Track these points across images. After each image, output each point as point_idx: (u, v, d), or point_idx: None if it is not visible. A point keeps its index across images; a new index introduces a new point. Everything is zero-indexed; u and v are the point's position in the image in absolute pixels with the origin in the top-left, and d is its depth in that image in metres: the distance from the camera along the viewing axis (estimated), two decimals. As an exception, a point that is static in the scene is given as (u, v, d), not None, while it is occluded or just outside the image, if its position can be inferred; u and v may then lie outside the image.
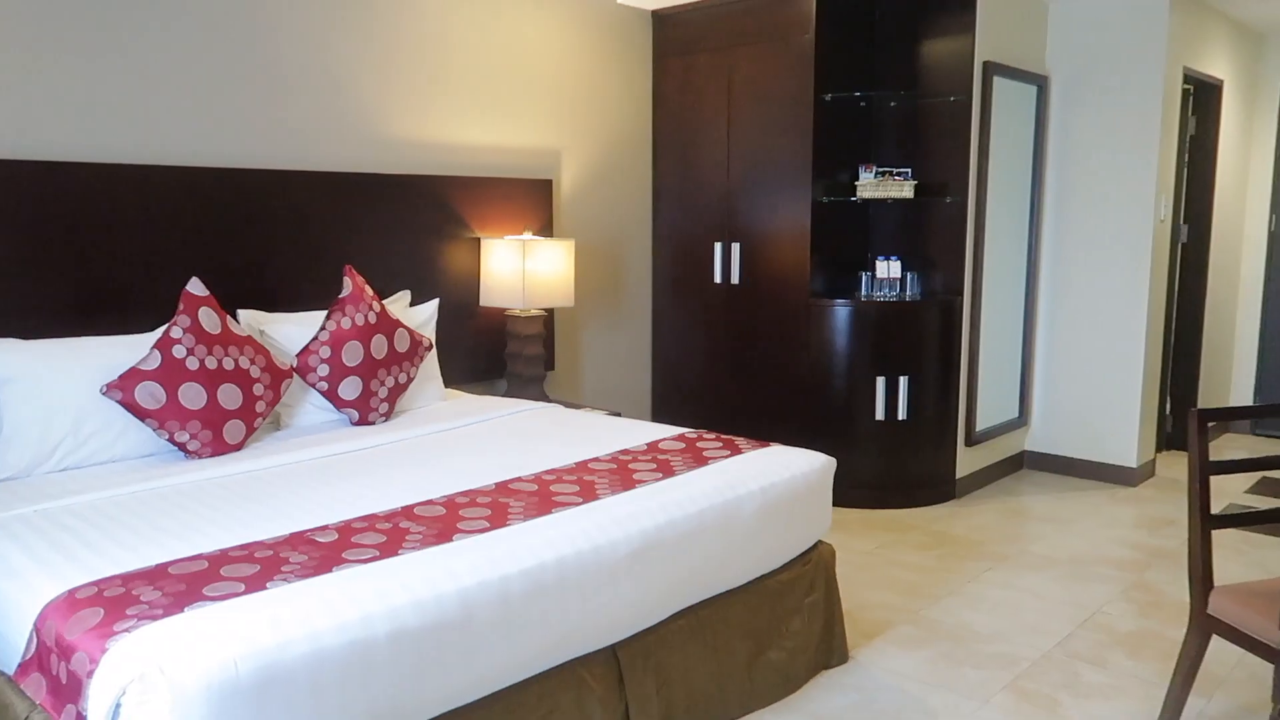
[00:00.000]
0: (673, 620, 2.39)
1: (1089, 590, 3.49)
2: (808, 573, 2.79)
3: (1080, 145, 4.86)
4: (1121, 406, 4.83)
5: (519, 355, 3.92)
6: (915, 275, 4.51)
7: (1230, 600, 2.33)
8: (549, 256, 3.84)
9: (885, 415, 4.35)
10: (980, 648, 3.02)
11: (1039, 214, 4.97)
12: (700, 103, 4.62)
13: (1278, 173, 5.83)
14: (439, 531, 2.09)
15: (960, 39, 4.38)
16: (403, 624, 1.75)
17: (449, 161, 3.91)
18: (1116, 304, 4.80)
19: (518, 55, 4.13)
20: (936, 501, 4.52)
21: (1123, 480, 4.86)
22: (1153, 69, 4.62)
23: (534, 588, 1.98)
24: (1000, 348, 4.81)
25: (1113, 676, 2.84)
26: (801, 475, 2.71)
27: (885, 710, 2.64)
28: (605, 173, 4.60)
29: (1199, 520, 2.38)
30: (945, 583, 3.55)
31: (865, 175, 4.44)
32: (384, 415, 3.22)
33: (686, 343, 4.81)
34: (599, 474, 2.57)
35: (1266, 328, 5.96)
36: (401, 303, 3.54)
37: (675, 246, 4.80)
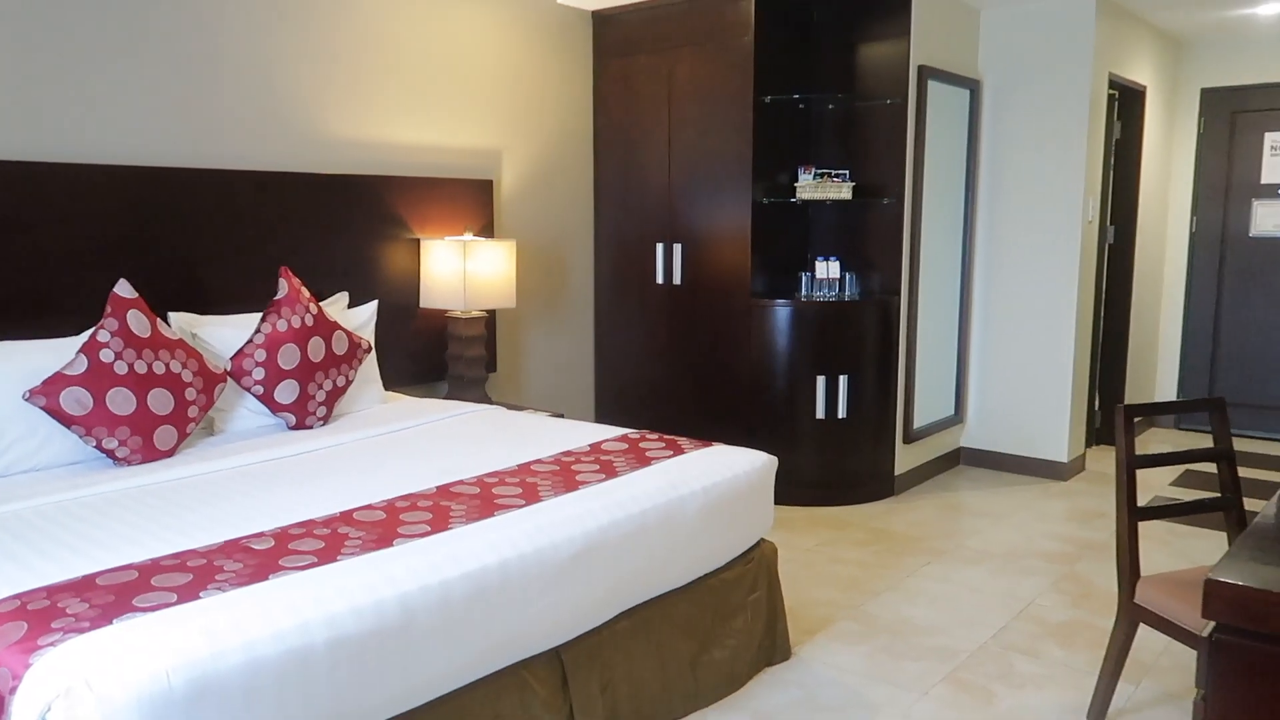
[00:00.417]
0: (616, 621, 2.39)
1: (1023, 583, 3.58)
2: (750, 571, 2.82)
3: (1011, 148, 4.98)
4: (1052, 403, 4.96)
5: (460, 357, 3.89)
6: (854, 275, 4.57)
7: (1156, 590, 2.40)
8: (490, 257, 3.82)
9: (825, 414, 4.40)
10: (919, 641, 3.08)
11: (973, 215, 5.08)
12: (641, 104, 4.63)
13: (1198, 176, 6.04)
14: (379, 536, 2.06)
15: (895, 43, 4.46)
16: (341, 631, 1.72)
17: (388, 161, 3.86)
18: (1047, 303, 4.93)
19: (457, 54, 4.09)
20: (876, 498, 4.59)
21: (1054, 475, 4.99)
22: (1079, 75, 4.75)
23: (476, 591, 1.96)
24: (936, 347, 4.91)
25: (1045, 666, 2.91)
26: (743, 474, 2.73)
27: (827, 705, 2.67)
28: (546, 173, 4.58)
29: (1126, 513, 2.46)
30: (885, 578, 3.61)
31: (804, 176, 4.50)
32: (322, 419, 3.16)
33: (629, 343, 4.82)
34: (541, 476, 2.56)
35: (1189, 326, 6.17)
36: (339, 304, 3.49)
37: (617, 247, 4.81)
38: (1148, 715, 2.64)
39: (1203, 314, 6.11)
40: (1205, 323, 6.11)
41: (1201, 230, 6.07)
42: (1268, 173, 5.82)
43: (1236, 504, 2.58)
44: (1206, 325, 6.11)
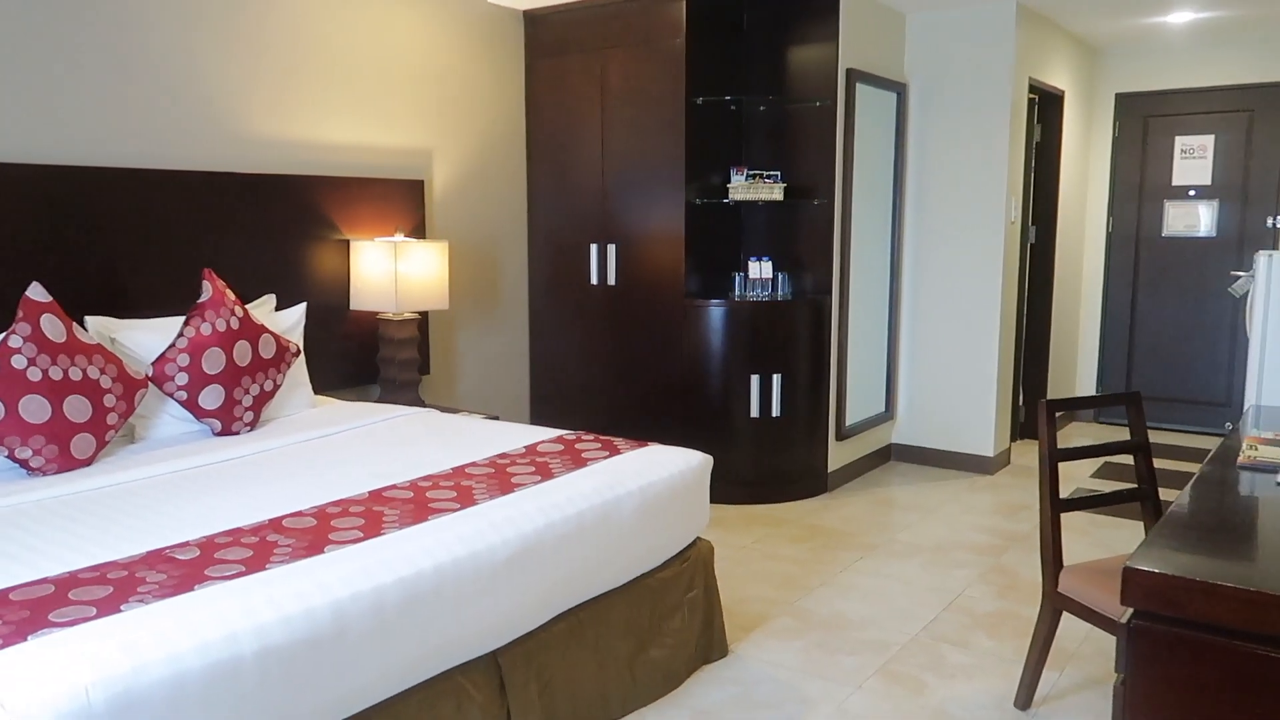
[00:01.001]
0: (553, 623, 2.38)
1: (952, 575, 3.66)
2: (687, 570, 2.83)
3: (937, 150, 5.09)
4: (979, 399, 5.09)
5: (392, 360, 3.84)
6: (786, 275, 4.63)
7: (1077, 579, 2.48)
8: (422, 258, 3.77)
9: (759, 412, 4.45)
10: (853, 635, 3.13)
11: (901, 216, 5.18)
12: (573, 104, 4.62)
13: (1113, 178, 6.26)
14: (309, 543, 2.02)
15: (824, 47, 4.53)
16: (271, 641, 1.68)
17: (314, 160, 3.79)
18: (973, 302, 5.06)
19: (385, 52, 4.03)
20: (809, 495, 4.65)
21: (981, 469, 5.12)
22: (1001, 79, 4.88)
23: (410, 597, 1.94)
24: (867, 345, 5.00)
25: (974, 656, 2.98)
26: (679, 474, 2.75)
27: (764, 701, 2.70)
28: (479, 173, 4.54)
29: (1049, 505, 2.53)
30: (819, 573, 3.66)
31: (737, 178, 4.54)
32: (249, 425, 3.09)
33: (564, 344, 4.81)
34: (476, 479, 2.53)
35: (1106, 323, 6.39)
36: (266, 307, 3.41)
37: (551, 248, 4.79)
38: (1071, 701, 2.72)
39: (1119, 311, 6.33)
40: (1122, 319, 6.33)
41: (1117, 230, 6.29)
42: (1178, 175, 6.05)
43: (1152, 494, 2.67)
44: (1123, 322, 6.33)
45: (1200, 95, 5.92)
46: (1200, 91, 5.91)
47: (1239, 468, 2.20)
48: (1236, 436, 2.52)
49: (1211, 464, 2.24)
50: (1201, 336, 6.08)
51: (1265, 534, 1.84)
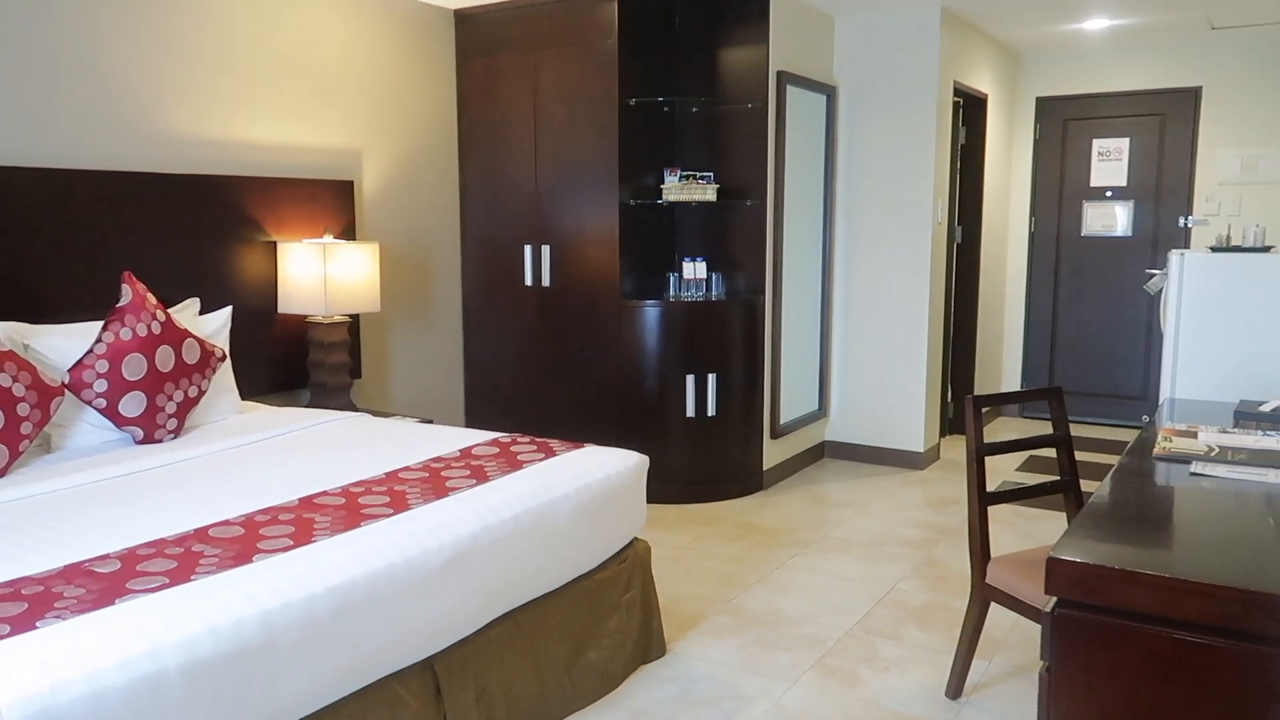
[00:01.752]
0: (490, 628, 2.36)
1: (885, 569, 3.72)
2: (624, 570, 2.83)
3: (866, 152, 5.18)
4: (908, 396, 5.19)
5: (322, 364, 3.76)
6: (720, 276, 4.66)
7: (1004, 570, 2.54)
8: (352, 260, 3.71)
9: (695, 412, 4.47)
10: (789, 631, 3.16)
11: (832, 216, 5.26)
12: (506, 104, 4.59)
13: (1035, 179, 6.44)
14: (237, 553, 1.97)
15: (755, 49, 4.57)
16: (197, 654, 1.64)
17: (239, 160, 3.70)
18: (902, 301, 5.16)
19: (311, 50, 3.96)
20: (745, 493, 4.69)
21: (912, 464, 5.22)
22: (927, 82, 4.98)
23: (342, 606, 1.90)
24: (800, 344, 5.06)
25: (907, 648, 3.04)
26: (615, 474, 2.75)
27: (702, 698, 2.71)
28: (410, 174, 4.48)
29: (976, 498, 2.59)
30: (755, 571, 3.69)
31: (670, 178, 4.55)
32: (173, 432, 3.00)
33: (499, 346, 4.77)
34: (410, 483, 2.50)
35: (1030, 320, 6.57)
36: (190, 311, 3.32)
37: (484, 249, 4.75)
38: (1000, 688, 2.79)
39: (1042, 309, 6.52)
40: (1045, 317, 6.52)
41: (1039, 230, 6.47)
42: (1096, 176, 6.26)
43: (1074, 486, 2.76)
44: (1046, 319, 6.51)
45: (1115, 99, 6.12)
46: (1115, 96, 6.12)
47: (1155, 459, 2.29)
48: (1153, 429, 2.62)
49: (1129, 456, 2.32)
50: (1119, 333, 6.29)
51: (1180, 523, 1.91)
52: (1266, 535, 1.81)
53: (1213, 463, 2.22)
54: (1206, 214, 5.86)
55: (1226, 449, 2.33)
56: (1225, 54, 5.77)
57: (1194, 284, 3.79)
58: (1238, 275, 3.72)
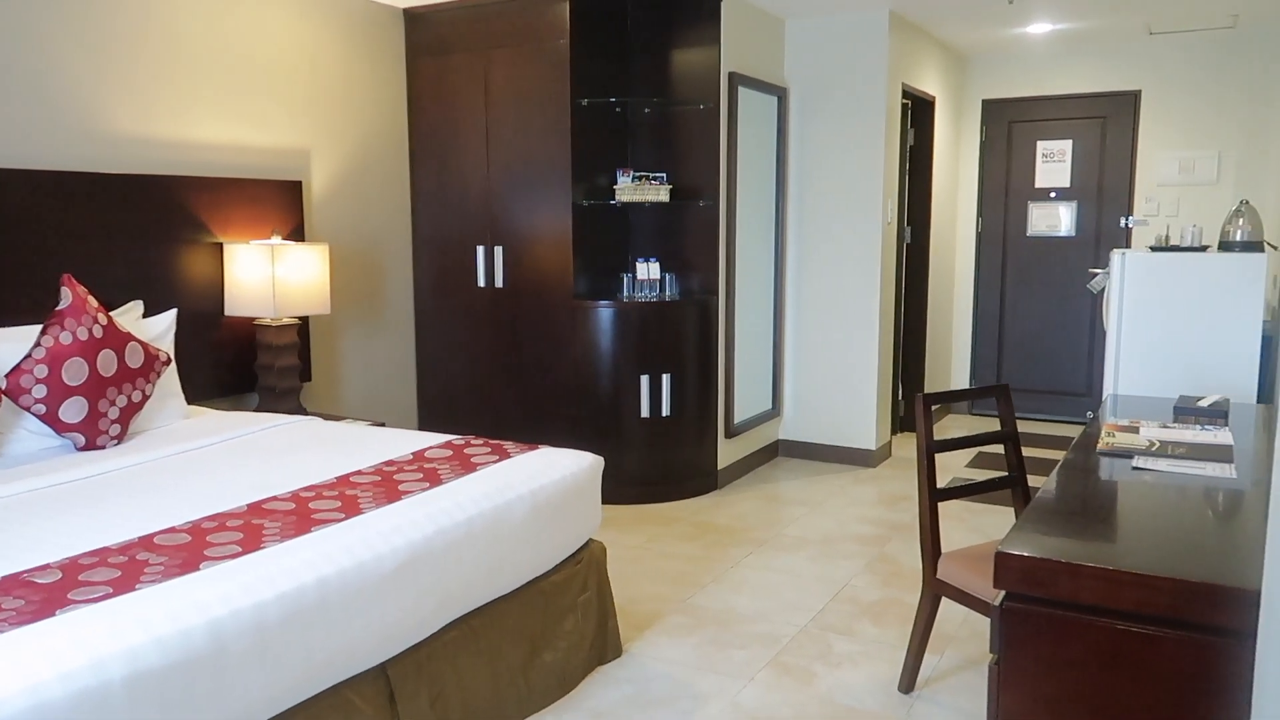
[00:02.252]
0: (445, 632, 2.34)
1: (838, 566, 3.76)
2: (580, 572, 2.83)
3: (816, 153, 5.23)
4: (860, 395, 5.25)
5: (271, 367, 3.70)
6: (673, 276, 4.68)
7: (955, 565, 2.59)
8: (301, 262, 3.66)
9: (650, 412, 4.48)
10: (744, 629, 3.18)
11: (784, 217, 5.30)
12: (457, 104, 4.56)
13: (982, 180, 6.55)
14: (183, 561, 1.93)
15: (707, 50, 4.59)
16: (143, 665, 1.60)
17: (183, 160, 3.62)
18: (853, 301, 5.21)
19: (258, 49, 3.89)
20: (700, 493, 4.71)
21: (864, 462, 5.28)
22: (876, 84, 5.05)
23: (293, 612, 1.87)
24: (753, 344, 5.09)
25: (860, 644, 3.08)
26: (570, 476, 2.74)
27: (658, 698, 2.72)
28: (360, 174, 4.43)
29: (927, 495, 2.63)
30: (710, 570, 3.71)
31: (623, 179, 4.56)
32: (116, 438, 2.93)
33: (452, 348, 4.73)
34: (362, 487, 2.47)
35: (978, 319, 6.68)
36: (133, 314, 3.24)
37: (437, 250, 4.71)
38: (952, 681, 2.83)
39: (989, 307, 6.63)
40: (992, 315, 6.63)
41: (986, 230, 6.58)
42: (1040, 178, 6.39)
43: (1022, 481, 2.81)
44: (993, 318, 6.63)
45: (1059, 102, 6.26)
46: (1059, 99, 6.25)
47: (1099, 454, 2.34)
48: (1096, 425, 2.68)
49: (1074, 451, 2.37)
50: (1064, 331, 6.42)
51: (1123, 516, 1.96)
52: (1205, 527, 1.86)
53: (1154, 457, 2.28)
54: (1146, 214, 6.01)
55: (1167, 444, 2.39)
56: (1163, 58, 5.92)
57: (1135, 283, 3.89)
58: (1176, 274, 3.82)
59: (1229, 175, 5.81)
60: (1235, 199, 5.22)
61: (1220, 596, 1.49)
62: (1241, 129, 5.75)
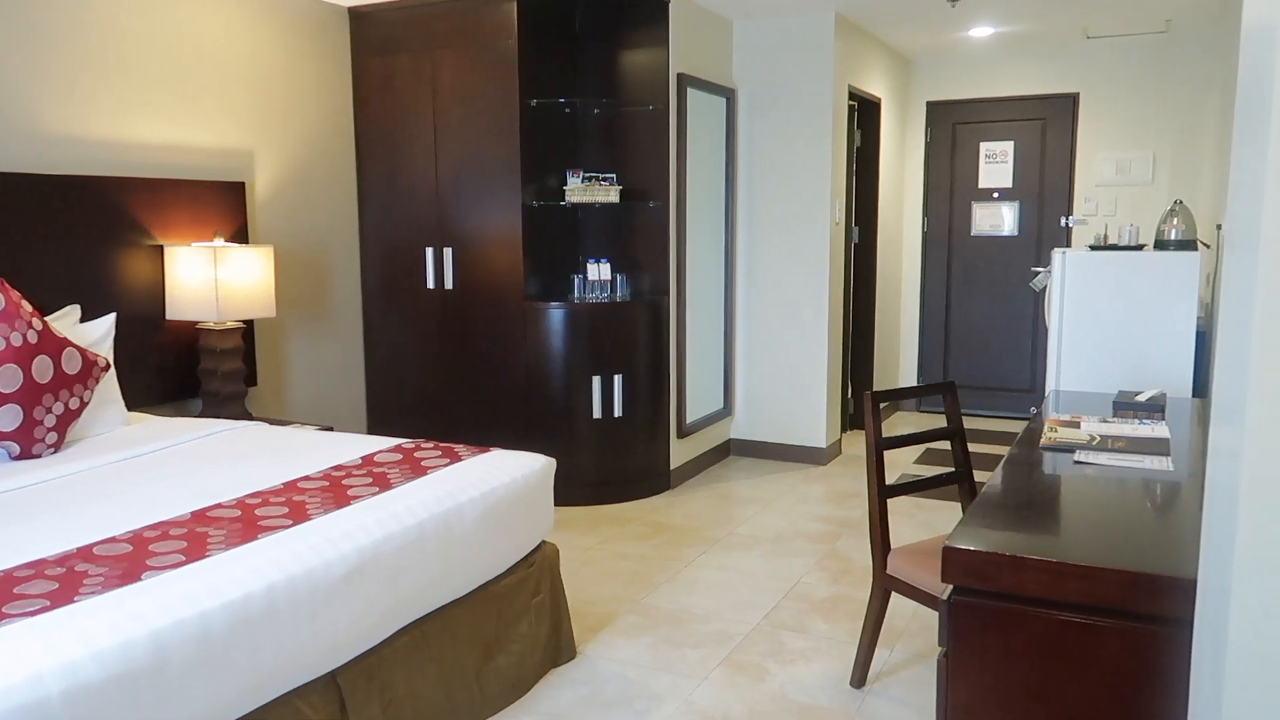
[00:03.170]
0: (395, 638, 2.32)
1: (790, 564, 3.79)
2: (533, 574, 2.82)
3: (765, 154, 5.27)
4: (810, 393, 5.30)
5: (215, 372, 3.63)
6: (624, 277, 4.68)
7: (904, 560, 2.62)
8: (245, 264, 3.59)
9: (602, 413, 4.47)
10: (698, 628, 3.19)
11: (733, 217, 5.33)
12: (404, 105, 4.51)
13: (927, 181, 6.66)
14: (124, 571, 1.88)
15: (655, 51, 4.60)
16: (82, 679, 1.56)
17: (121, 161, 3.54)
18: (802, 300, 5.26)
19: (200, 47, 3.81)
20: (653, 493, 4.72)
21: (815, 460, 5.33)
22: (822, 86, 5.10)
23: (239, 621, 1.84)
24: (705, 344, 5.12)
25: (812, 640, 3.10)
26: (522, 478, 2.73)
27: (613, 699, 2.72)
28: (305, 175, 4.36)
29: (876, 491, 2.66)
30: (664, 570, 3.72)
31: (573, 180, 4.55)
32: (52, 446, 2.85)
33: (401, 351, 4.68)
34: (309, 493, 2.43)
35: (924, 317, 6.79)
36: (70, 319, 3.16)
37: (385, 252, 4.66)
38: (902, 675, 2.87)
39: (935, 306, 6.74)
40: (938, 313, 6.74)
41: (932, 230, 6.69)
42: (984, 178, 6.51)
43: (968, 477, 2.86)
44: (939, 316, 6.74)
45: (1001, 104, 6.38)
46: (1001, 101, 6.37)
47: (1042, 449, 2.39)
48: (1039, 420, 2.73)
49: (1018, 446, 2.42)
50: (1008, 328, 6.55)
51: (1066, 509, 2.00)
52: (1144, 519, 1.91)
53: (1094, 451, 2.33)
54: (1085, 214, 6.16)
55: (1107, 438, 2.45)
56: (1100, 62, 6.07)
57: (1075, 281, 3.98)
58: (1114, 272, 3.92)
59: (1164, 176, 5.98)
60: (1170, 199, 5.37)
61: (1159, 586, 1.53)
62: (1175, 131, 5.91)
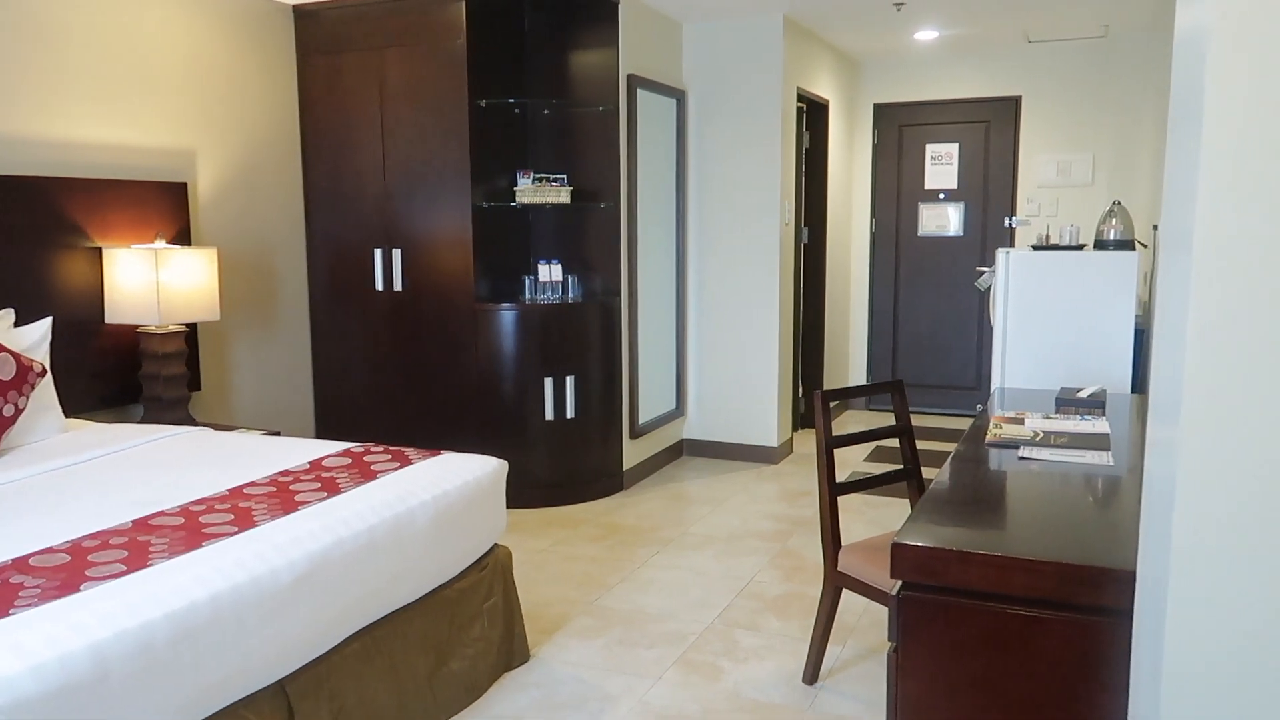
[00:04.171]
0: (346, 644, 2.28)
1: (743, 562, 3.82)
2: (485, 578, 2.80)
3: (715, 155, 5.30)
4: (762, 393, 5.34)
5: (157, 376, 3.55)
6: (576, 278, 4.67)
7: (854, 556, 2.65)
8: (187, 266, 3.51)
9: (554, 415, 4.46)
10: (652, 628, 3.20)
11: (685, 218, 5.35)
12: (351, 104, 4.45)
13: (875, 182, 6.74)
14: (62, 582, 1.83)
15: (605, 52, 4.60)
16: (18, 694, 1.51)
17: (57, 161, 3.44)
18: (753, 300, 5.30)
19: (139, 44, 3.72)
20: (607, 494, 4.71)
21: (767, 459, 5.37)
22: (772, 88, 5.14)
23: (183, 631, 1.80)
24: (657, 344, 5.13)
25: (765, 638, 3.13)
26: (473, 481, 2.71)
27: (567, 701, 2.71)
28: (249, 176, 4.28)
29: (826, 489, 2.69)
30: (618, 571, 3.71)
31: (523, 181, 4.53)
32: (-14, 455, 2.76)
33: (350, 353, 4.62)
34: (256, 499, 2.39)
35: (873, 316, 6.87)
36: (4, 323, 3.07)
37: (332, 253, 4.59)
38: (854, 671, 2.91)
39: (884, 305, 6.83)
40: (887, 313, 6.83)
41: (880, 231, 6.78)
42: (930, 179, 6.61)
43: (916, 473, 2.90)
44: (888, 315, 6.83)
45: (946, 107, 6.48)
46: (946, 103, 6.48)
47: (988, 445, 2.43)
48: (985, 417, 2.78)
49: (965, 443, 2.46)
50: (954, 327, 6.66)
51: (1011, 504, 2.04)
52: (1086, 513, 1.96)
53: (1038, 447, 2.38)
54: (1028, 214, 6.29)
55: (1050, 434, 2.51)
56: (1041, 66, 6.20)
57: (1018, 280, 4.06)
58: (1056, 272, 4.00)
59: (1103, 177, 6.12)
60: (1109, 200, 5.50)
61: (1101, 578, 1.57)
62: (1113, 133, 6.06)
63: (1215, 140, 0.94)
